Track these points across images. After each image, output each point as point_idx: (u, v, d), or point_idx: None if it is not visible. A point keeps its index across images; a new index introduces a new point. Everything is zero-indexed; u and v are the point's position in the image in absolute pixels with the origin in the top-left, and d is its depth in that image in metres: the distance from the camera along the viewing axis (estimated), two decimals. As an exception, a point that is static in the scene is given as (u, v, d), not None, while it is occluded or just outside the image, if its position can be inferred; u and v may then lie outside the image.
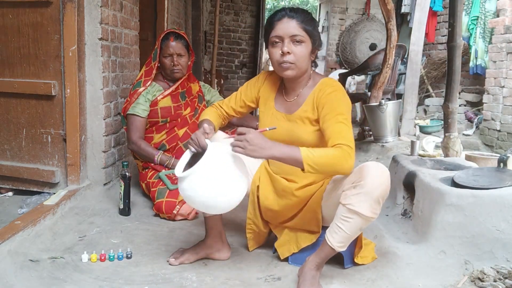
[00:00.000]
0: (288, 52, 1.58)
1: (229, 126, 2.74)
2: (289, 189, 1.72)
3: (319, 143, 1.62)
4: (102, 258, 1.73)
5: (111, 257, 1.74)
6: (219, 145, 1.53)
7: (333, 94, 1.60)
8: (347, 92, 5.34)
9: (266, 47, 1.69)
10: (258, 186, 1.81)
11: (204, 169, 1.44)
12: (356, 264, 1.74)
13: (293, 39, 1.58)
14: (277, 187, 1.76)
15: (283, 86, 1.77)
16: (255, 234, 1.87)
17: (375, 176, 1.44)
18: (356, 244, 1.73)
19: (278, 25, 1.60)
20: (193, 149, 1.55)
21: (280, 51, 1.59)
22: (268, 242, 1.91)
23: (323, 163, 1.44)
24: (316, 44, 1.65)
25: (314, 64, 1.74)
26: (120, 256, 1.75)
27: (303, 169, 1.45)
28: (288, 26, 1.59)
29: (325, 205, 1.65)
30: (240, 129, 1.46)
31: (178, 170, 1.52)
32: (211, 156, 1.45)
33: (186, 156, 1.58)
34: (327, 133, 1.54)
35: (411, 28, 5.11)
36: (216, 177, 1.45)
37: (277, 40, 1.60)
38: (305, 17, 1.61)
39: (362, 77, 6.71)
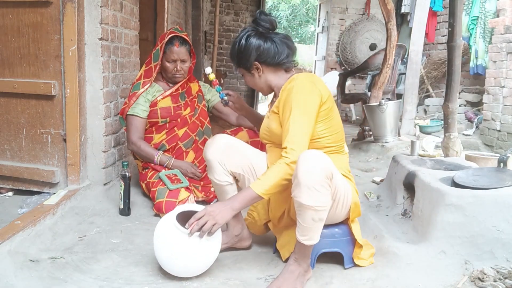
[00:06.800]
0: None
1: (229, 126, 2.75)
2: None
3: None
4: None
5: None
6: None
7: (287, 91, 1.64)
8: (346, 92, 5.38)
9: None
10: None
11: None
12: (356, 264, 1.74)
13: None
14: None
15: None
16: (251, 222, 1.91)
17: (302, 163, 1.45)
18: (355, 244, 1.73)
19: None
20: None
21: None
22: (268, 242, 1.91)
23: (274, 185, 1.52)
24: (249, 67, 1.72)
25: (292, 64, 1.74)
26: None
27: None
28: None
29: None
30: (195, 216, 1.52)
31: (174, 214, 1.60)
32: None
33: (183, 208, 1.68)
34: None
35: (411, 28, 5.11)
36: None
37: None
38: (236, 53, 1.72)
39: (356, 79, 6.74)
